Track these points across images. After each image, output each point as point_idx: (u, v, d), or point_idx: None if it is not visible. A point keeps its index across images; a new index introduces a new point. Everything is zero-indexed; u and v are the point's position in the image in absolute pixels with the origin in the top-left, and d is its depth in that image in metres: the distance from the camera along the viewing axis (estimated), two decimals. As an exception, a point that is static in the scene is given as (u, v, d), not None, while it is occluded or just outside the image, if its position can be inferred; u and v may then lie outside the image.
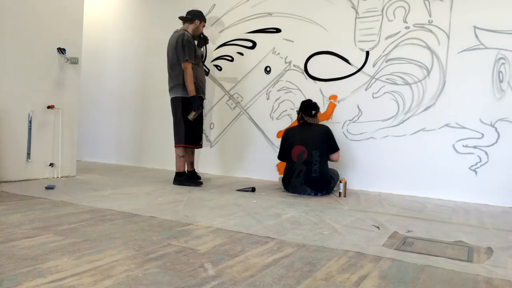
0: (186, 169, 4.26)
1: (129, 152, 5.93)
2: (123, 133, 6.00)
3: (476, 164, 3.85)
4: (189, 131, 4.15)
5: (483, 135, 3.84)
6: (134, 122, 5.89)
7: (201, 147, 4.46)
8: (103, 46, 6.19)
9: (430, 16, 4.05)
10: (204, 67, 5.29)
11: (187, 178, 4.19)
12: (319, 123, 4.11)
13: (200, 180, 4.24)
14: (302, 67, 4.68)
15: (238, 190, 3.85)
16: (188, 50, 4.04)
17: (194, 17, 4.26)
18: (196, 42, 4.29)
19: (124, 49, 5.98)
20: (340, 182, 3.85)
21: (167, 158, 5.54)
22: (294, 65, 4.73)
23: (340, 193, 3.80)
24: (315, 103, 4.08)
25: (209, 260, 1.75)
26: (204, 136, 5.29)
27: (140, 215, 2.61)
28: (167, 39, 4.29)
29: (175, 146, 4.21)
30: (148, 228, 2.27)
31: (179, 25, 4.34)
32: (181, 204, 3.08)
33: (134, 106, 5.89)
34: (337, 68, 4.48)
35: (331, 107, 4.52)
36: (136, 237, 2.07)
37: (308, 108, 4.02)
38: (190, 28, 4.24)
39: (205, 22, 4.39)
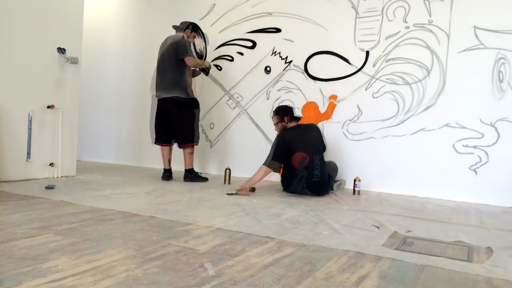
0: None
1: (129, 151, 5.93)
2: (123, 132, 6.00)
3: (476, 164, 3.85)
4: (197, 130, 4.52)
5: (483, 135, 3.83)
6: (134, 121, 5.89)
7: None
8: (102, 46, 6.19)
9: (430, 16, 4.05)
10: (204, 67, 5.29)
11: (197, 174, 4.51)
12: (309, 123, 4.19)
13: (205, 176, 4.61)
14: (302, 67, 4.68)
15: (237, 190, 3.84)
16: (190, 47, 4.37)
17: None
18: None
19: (124, 49, 5.98)
20: (355, 180, 3.98)
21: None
22: (294, 65, 4.73)
23: (354, 191, 3.98)
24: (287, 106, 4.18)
25: (209, 260, 1.75)
26: (204, 136, 5.29)
27: (140, 215, 2.61)
28: (165, 37, 4.35)
29: (191, 145, 4.39)
30: (148, 228, 2.27)
31: (176, 22, 4.52)
32: (181, 204, 3.08)
33: (133, 106, 5.90)
34: (337, 68, 4.48)
35: (331, 107, 4.51)
36: (136, 237, 2.07)
37: (289, 111, 4.02)
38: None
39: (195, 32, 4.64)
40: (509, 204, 3.69)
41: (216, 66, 5.22)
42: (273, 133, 4.84)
